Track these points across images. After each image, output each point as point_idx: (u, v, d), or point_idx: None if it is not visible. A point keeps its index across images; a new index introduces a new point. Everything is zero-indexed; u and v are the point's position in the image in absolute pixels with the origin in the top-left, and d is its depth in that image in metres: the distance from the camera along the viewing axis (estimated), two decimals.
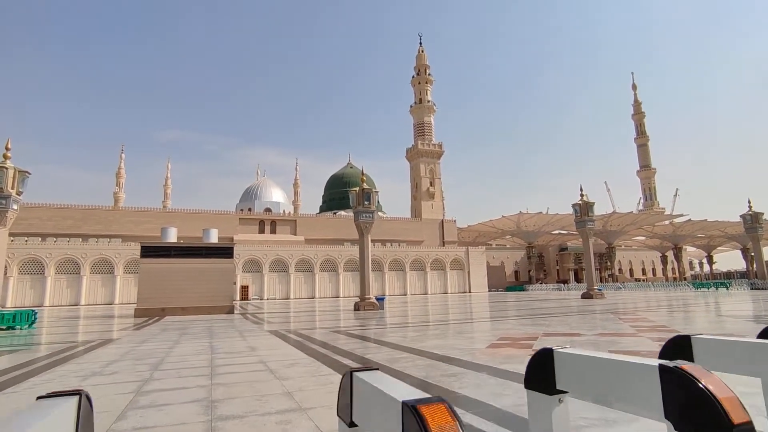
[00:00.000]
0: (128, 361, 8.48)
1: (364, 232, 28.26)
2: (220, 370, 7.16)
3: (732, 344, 2.23)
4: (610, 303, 27.81)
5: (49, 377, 6.97)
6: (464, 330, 13.37)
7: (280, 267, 63.53)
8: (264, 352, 9.27)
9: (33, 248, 52.00)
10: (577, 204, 39.02)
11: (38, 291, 51.00)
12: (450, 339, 10.80)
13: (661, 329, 11.75)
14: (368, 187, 29.16)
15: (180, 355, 9.14)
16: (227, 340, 12.08)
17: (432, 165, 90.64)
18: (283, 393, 5.37)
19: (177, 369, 7.44)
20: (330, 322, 18.86)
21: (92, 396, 5.21)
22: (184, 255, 28.80)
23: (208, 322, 19.49)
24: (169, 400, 5.21)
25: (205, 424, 4.16)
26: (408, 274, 70.66)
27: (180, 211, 69.58)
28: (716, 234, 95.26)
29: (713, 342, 2.25)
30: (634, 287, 66.93)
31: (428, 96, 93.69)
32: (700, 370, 1.41)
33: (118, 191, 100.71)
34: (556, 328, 12.91)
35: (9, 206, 22.61)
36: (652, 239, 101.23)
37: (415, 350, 8.91)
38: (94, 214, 63.73)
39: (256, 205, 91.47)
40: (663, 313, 18.49)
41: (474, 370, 6.54)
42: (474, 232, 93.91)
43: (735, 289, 51.72)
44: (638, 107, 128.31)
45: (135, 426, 4.18)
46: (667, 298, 32.21)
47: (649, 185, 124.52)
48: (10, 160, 23.14)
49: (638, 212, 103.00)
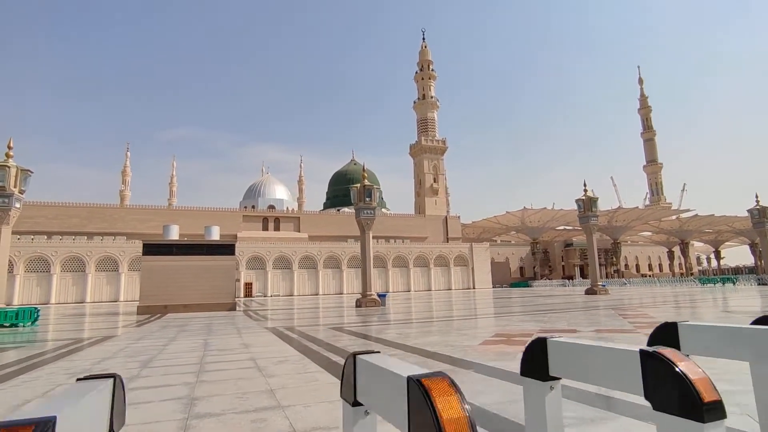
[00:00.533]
0: (120, 359, 8.49)
1: (365, 228, 28.20)
2: (208, 368, 7.13)
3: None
4: (613, 299, 27.57)
5: (38, 374, 6.97)
6: (461, 326, 13.28)
7: (283, 264, 63.73)
8: (256, 350, 9.25)
9: (39, 246, 52.52)
10: (580, 199, 38.69)
11: (44, 289, 51.56)
12: (445, 335, 10.72)
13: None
14: (369, 184, 29.08)
15: (172, 352, 9.14)
16: (223, 337, 12.08)
17: (436, 161, 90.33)
18: (266, 391, 5.32)
19: (166, 366, 7.43)
20: (329, 318, 18.84)
21: None
22: (186, 252, 28.92)
23: (208, 319, 19.55)
24: (150, 397, 5.17)
25: (180, 422, 4.12)
26: (411, 270, 70.63)
27: (184, 209, 69.96)
28: (724, 229, 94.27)
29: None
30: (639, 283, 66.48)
31: (431, 92, 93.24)
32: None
33: (123, 189, 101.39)
34: (555, 324, 12.78)
35: (11, 205, 22.77)
36: (659, 234, 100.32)
37: (408, 347, 8.85)
38: (99, 212, 64.24)
39: (259, 202, 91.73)
40: (665, 309, 18.29)
41: (462, 368, 6.46)
42: (478, 228, 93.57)
43: (742, 284, 51.18)
44: (644, 101, 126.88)
45: None
46: (671, 294, 31.90)
47: (656, 180, 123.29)
48: (13, 159, 23.30)
49: (644, 207, 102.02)
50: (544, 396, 2.05)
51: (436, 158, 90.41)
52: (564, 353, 2.00)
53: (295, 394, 5.15)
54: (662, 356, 1.51)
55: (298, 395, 5.07)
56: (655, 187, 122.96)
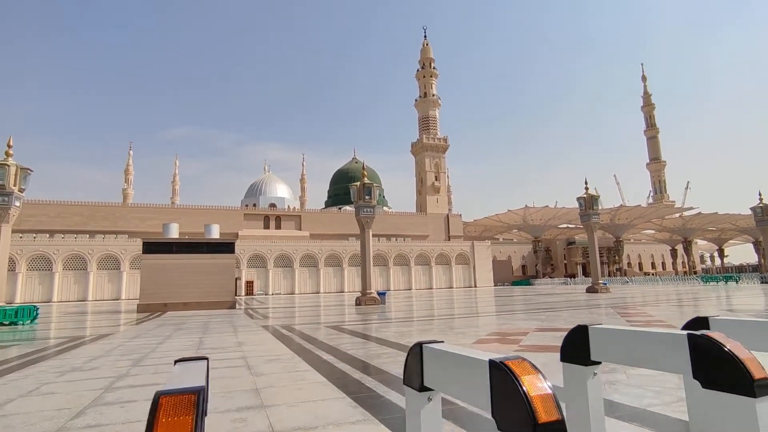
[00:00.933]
0: (113, 357, 8.46)
1: (365, 226, 28.14)
2: None
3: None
4: (613, 297, 27.44)
5: (28, 373, 6.95)
6: (458, 325, 13.21)
7: (285, 262, 63.79)
8: (249, 348, 9.21)
9: (41, 245, 52.72)
10: (581, 197, 38.50)
11: (46, 287, 51.78)
12: (440, 335, 10.66)
13: (658, 324, 11.49)
14: (369, 182, 29.01)
15: (165, 351, 9.11)
16: (218, 335, 12.06)
17: (437, 159, 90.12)
18: (252, 390, 5.27)
19: (156, 365, 7.39)
20: (327, 317, 18.81)
21: (63, 393, 5.07)
22: (186, 251, 28.93)
23: (207, 318, 19.55)
24: (135, 396, 5.13)
25: None
26: (413, 268, 70.55)
27: (185, 207, 70.12)
28: (727, 227, 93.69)
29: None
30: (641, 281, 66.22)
31: (433, 89, 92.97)
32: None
33: (126, 188, 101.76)
34: (552, 323, 12.69)
35: (11, 203, 22.80)
36: (662, 233, 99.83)
37: (402, 346, 8.79)
38: (100, 210, 64.44)
39: (260, 200, 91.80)
40: (665, 307, 18.16)
41: None
42: (480, 226, 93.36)
43: (745, 282, 50.88)
44: (648, 99, 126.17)
45: (89, 424, 4.10)
46: (673, 293, 31.72)
47: (659, 178, 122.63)
48: (12, 157, 23.34)
49: (647, 205, 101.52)
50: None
51: (437, 156, 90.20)
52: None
53: (280, 393, 5.09)
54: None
55: (284, 395, 5.01)
56: (659, 185, 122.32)
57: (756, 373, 1.49)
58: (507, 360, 1.37)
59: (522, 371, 1.32)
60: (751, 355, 1.55)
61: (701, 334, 1.68)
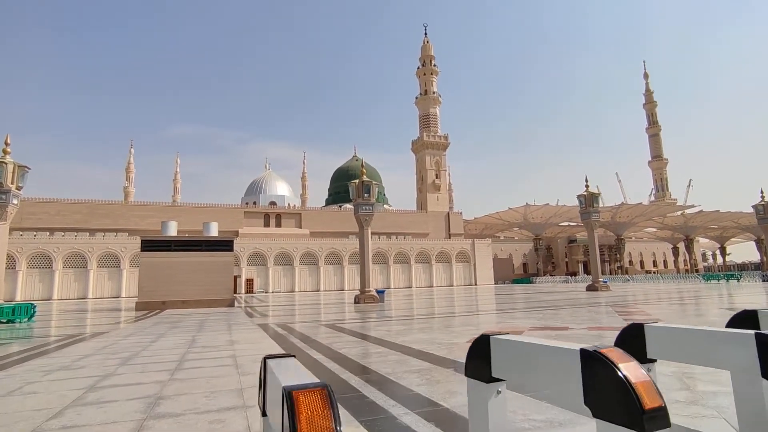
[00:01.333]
0: (102, 356, 8.38)
1: (363, 224, 28.05)
2: (186, 365, 7.01)
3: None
4: (613, 296, 27.30)
5: (14, 372, 6.88)
6: (454, 323, 13.11)
7: (285, 260, 63.75)
8: (241, 347, 9.13)
9: (41, 243, 52.77)
10: (582, 195, 38.33)
11: (46, 285, 51.84)
12: (434, 333, 10.56)
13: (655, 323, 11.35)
14: (368, 179, 28.93)
15: (156, 350, 9.03)
16: (212, 333, 11.98)
17: (438, 157, 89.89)
18: (236, 389, 5.19)
19: (144, 364, 7.31)
20: (325, 315, 18.74)
21: (45, 392, 4.97)
22: (185, 248, 28.86)
23: (204, 316, 19.49)
24: (117, 396, 5.05)
25: (137, 423, 3.98)
26: (413, 266, 70.45)
27: (185, 205, 70.14)
28: (729, 225, 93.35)
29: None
30: (642, 279, 66.03)
31: (433, 87, 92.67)
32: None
33: (128, 186, 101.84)
34: (548, 321, 12.59)
35: (9, 201, 22.76)
36: (663, 231, 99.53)
37: (396, 345, 8.69)
38: (101, 208, 64.48)
39: (260, 198, 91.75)
40: (664, 306, 18.04)
41: (442, 366, 6.30)
42: (480, 224, 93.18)
43: (746, 281, 50.67)
44: (650, 96, 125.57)
45: (65, 425, 4.02)
46: (673, 291, 31.56)
47: (661, 176, 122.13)
48: (10, 155, 23.30)
49: (649, 203, 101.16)
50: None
51: (438, 154, 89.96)
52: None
53: None
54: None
55: None
56: (661, 182, 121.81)
57: (648, 402, 1.29)
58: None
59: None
60: (646, 379, 1.33)
61: (593, 351, 1.43)
